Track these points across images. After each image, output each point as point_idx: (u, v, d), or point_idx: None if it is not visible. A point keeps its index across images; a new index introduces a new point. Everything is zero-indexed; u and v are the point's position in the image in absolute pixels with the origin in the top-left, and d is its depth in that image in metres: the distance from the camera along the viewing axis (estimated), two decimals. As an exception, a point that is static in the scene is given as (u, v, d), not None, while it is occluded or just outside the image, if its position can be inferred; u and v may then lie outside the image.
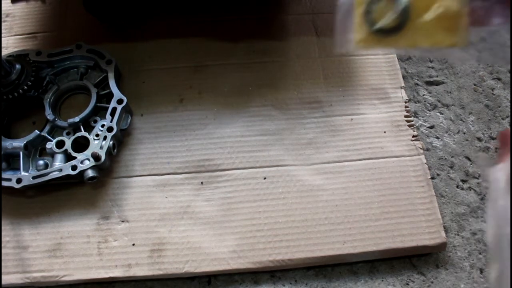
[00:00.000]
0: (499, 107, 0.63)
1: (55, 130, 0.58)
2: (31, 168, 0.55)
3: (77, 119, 0.56)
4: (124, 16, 0.69)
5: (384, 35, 0.29)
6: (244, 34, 0.67)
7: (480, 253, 0.54)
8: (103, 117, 0.57)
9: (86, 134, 0.55)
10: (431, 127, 0.62)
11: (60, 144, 0.54)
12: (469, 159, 0.60)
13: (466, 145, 0.61)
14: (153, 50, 0.66)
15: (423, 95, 0.63)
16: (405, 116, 0.60)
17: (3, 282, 0.50)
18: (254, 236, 0.52)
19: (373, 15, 0.29)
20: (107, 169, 0.56)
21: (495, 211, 0.27)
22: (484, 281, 0.51)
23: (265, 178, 0.55)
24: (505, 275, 0.26)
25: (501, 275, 0.26)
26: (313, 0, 0.70)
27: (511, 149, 0.29)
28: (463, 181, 0.58)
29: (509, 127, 0.29)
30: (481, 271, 0.53)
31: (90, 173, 0.52)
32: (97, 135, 0.55)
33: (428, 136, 0.62)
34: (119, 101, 0.57)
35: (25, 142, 0.54)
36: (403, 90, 0.62)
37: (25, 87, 0.57)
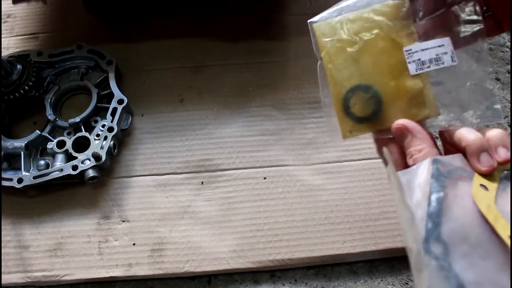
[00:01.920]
0: (499, 107, 0.63)
1: (56, 130, 0.58)
2: (32, 168, 0.55)
3: (77, 119, 0.56)
4: (125, 16, 0.69)
5: (365, 122, 0.33)
6: (244, 34, 0.67)
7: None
8: (103, 117, 0.57)
9: (86, 134, 0.55)
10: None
11: (61, 144, 0.55)
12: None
13: (465, 145, 0.61)
14: (153, 50, 0.66)
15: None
16: (405, 116, 0.60)
17: (4, 282, 0.50)
18: (254, 235, 0.52)
19: (351, 109, 0.33)
20: (108, 169, 0.56)
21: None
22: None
23: (265, 178, 0.56)
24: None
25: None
26: (313, 1, 0.70)
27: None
28: (463, 181, 0.58)
29: (405, 120, 0.32)
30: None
31: (90, 173, 0.52)
32: (97, 135, 0.55)
33: (427, 136, 0.61)
34: (120, 101, 0.57)
35: (26, 142, 0.55)
36: (402, 90, 0.62)
37: (26, 87, 0.57)
